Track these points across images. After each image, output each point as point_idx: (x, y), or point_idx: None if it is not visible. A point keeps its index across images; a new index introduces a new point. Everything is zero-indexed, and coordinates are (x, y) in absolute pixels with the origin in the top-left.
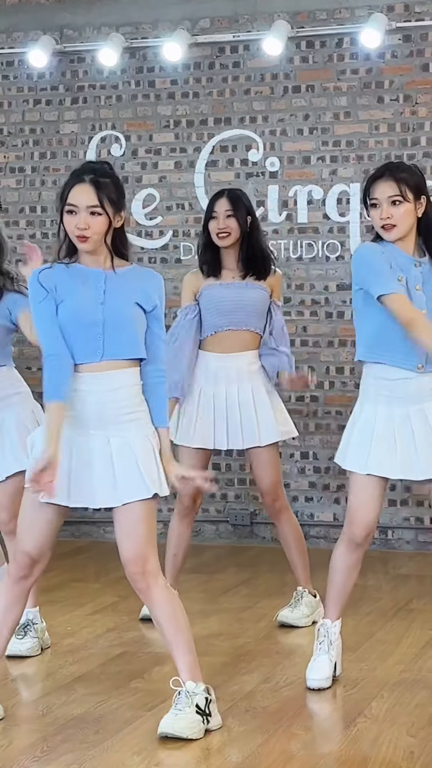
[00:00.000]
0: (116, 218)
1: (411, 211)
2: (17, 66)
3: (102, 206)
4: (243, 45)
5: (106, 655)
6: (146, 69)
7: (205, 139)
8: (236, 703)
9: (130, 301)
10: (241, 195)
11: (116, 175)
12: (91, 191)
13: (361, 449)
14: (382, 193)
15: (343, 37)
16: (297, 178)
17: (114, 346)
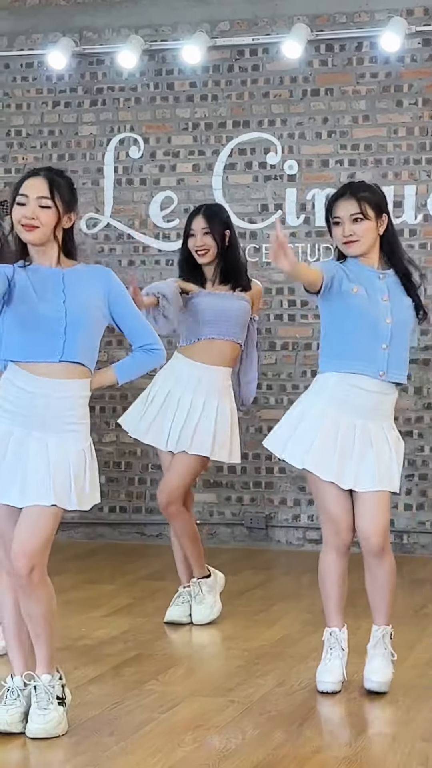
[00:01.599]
0: (66, 218)
1: (372, 228)
2: (36, 68)
3: (53, 199)
4: (262, 48)
5: (121, 656)
6: (165, 71)
7: (224, 142)
8: (251, 707)
9: (90, 303)
10: (218, 211)
11: (71, 180)
12: (44, 184)
13: (303, 444)
14: (345, 211)
15: (363, 40)
16: (315, 182)
17: (73, 348)
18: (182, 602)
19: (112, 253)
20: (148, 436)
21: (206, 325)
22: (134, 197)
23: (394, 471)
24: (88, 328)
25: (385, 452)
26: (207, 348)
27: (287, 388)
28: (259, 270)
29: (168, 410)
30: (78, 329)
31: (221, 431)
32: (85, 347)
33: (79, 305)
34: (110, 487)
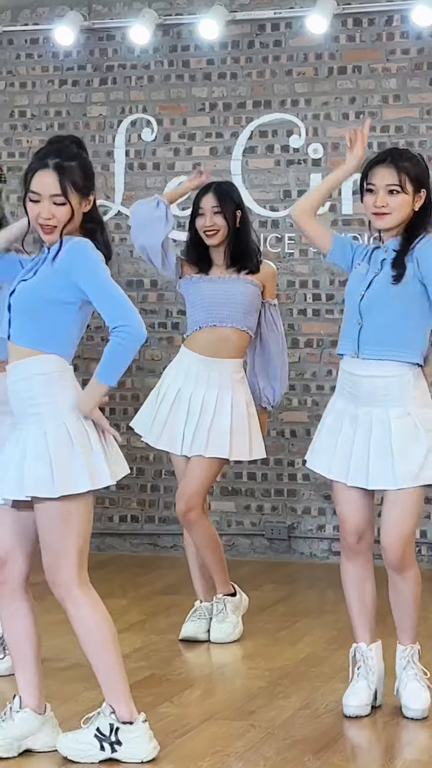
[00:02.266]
0: (83, 204)
1: (408, 203)
2: (42, 44)
3: (65, 195)
4: (285, 22)
5: (134, 676)
6: (180, 48)
7: (243, 124)
8: (273, 731)
9: (48, 283)
10: (229, 189)
11: (83, 155)
12: (55, 180)
13: (315, 442)
14: (381, 180)
15: (393, 14)
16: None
17: (19, 328)
18: (199, 618)
19: (123, 243)
20: (161, 441)
21: (206, 311)
22: (147, 183)
23: (418, 464)
24: (37, 308)
25: (398, 443)
26: (209, 337)
27: (311, 389)
28: (282, 261)
29: (180, 410)
30: (21, 309)
31: (238, 428)
32: (38, 329)
33: (31, 285)
34: (121, 495)
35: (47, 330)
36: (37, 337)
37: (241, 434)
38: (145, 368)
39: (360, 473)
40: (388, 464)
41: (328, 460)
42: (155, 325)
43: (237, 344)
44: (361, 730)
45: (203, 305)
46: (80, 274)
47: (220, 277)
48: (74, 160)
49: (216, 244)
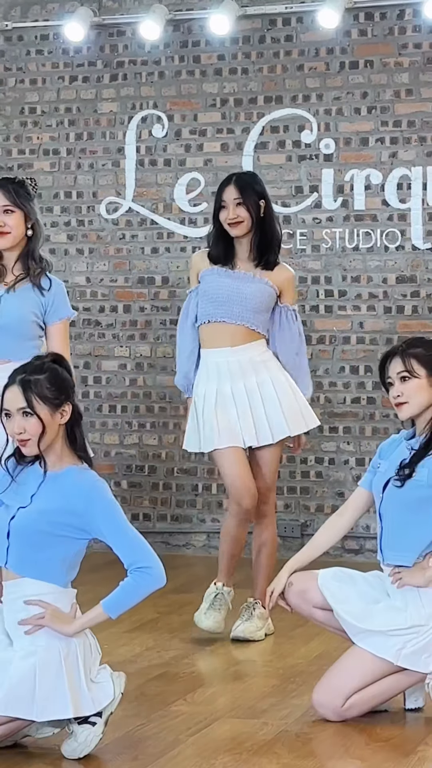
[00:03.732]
0: (56, 416)
1: (423, 386)
2: (52, 40)
3: (32, 408)
4: (296, 17)
5: (146, 675)
6: (191, 43)
7: (255, 119)
8: (287, 728)
9: (49, 514)
10: (251, 179)
11: (56, 369)
12: (19, 394)
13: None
14: (393, 371)
15: (405, 8)
16: (354, 162)
17: (17, 558)
18: (219, 607)
19: (134, 240)
20: (222, 440)
21: (217, 306)
22: (158, 179)
23: None
24: (39, 541)
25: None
26: (219, 332)
27: (324, 386)
28: (294, 258)
29: (227, 407)
30: (22, 540)
31: (288, 405)
32: (38, 560)
33: (32, 515)
34: (132, 493)
35: (48, 563)
36: (37, 570)
37: (292, 410)
38: (157, 365)
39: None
40: None
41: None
42: (167, 321)
43: (248, 337)
44: (376, 727)
45: (214, 299)
46: (99, 517)
47: (235, 272)
48: (42, 373)
49: (240, 234)
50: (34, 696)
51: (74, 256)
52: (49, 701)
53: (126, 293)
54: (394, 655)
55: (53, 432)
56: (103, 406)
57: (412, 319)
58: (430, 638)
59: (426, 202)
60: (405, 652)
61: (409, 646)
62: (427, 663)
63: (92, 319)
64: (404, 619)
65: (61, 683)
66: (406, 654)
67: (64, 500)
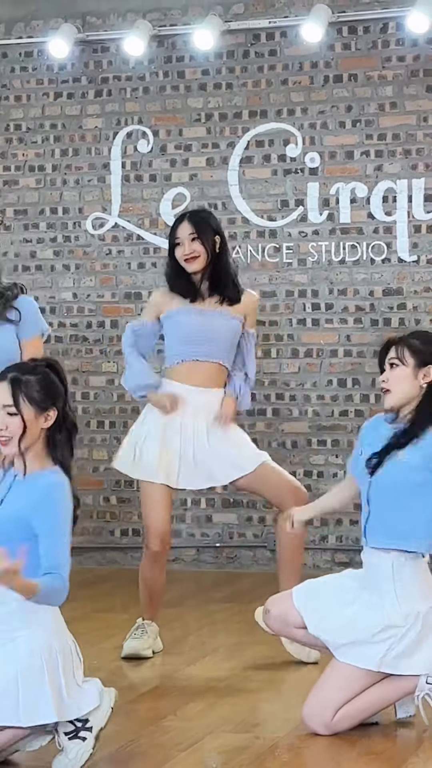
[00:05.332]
0: (40, 418)
1: (408, 376)
2: (36, 57)
3: (17, 405)
4: (280, 31)
5: (136, 690)
6: (175, 58)
7: (240, 134)
8: (278, 742)
9: (17, 518)
10: (206, 215)
11: (49, 374)
12: (7, 389)
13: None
14: (387, 356)
15: (389, 21)
16: (339, 175)
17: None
18: (139, 636)
19: (120, 255)
20: (158, 474)
21: (190, 345)
22: (144, 194)
23: None
24: (8, 545)
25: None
26: (192, 370)
27: (312, 399)
28: (280, 271)
29: (185, 443)
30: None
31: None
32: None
33: (2, 519)
34: (122, 509)
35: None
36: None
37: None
38: None
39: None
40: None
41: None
42: None
43: (219, 378)
44: (367, 740)
45: (187, 340)
46: (43, 512)
47: (204, 311)
48: (34, 375)
49: (197, 270)
50: (18, 702)
51: (61, 272)
52: (33, 706)
53: (113, 308)
54: (377, 664)
55: (34, 434)
56: (91, 422)
57: (399, 331)
58: (408, 641)
59: (411, 214)
60: (386, 659)
61: (390, 654)
62: (408, 665)
63: (79, 335)
64: (381, 617)
65: (43, 688)
66: (388, 661)
67: (27, 500)
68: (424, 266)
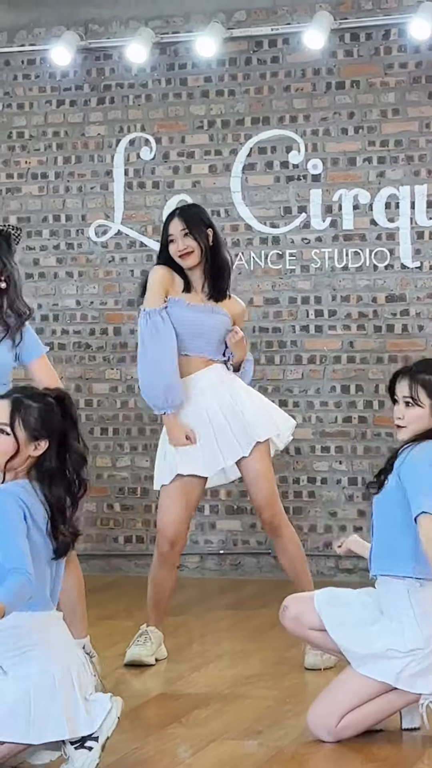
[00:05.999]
0: (31, 446)
1: (425, 416)
2: (39, 64)
3: (12, 426)
4: (282, 38)
5: (141, 697)
6: (178, 66)
7: (242, 141)
8: (283, 749)
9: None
10: (196, 210)
11: (51, 405)
12: (6, 407)
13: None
14: (400, 392)
15: (391, 28)
16: (342, 181)
17: None
18: (143, 642)
19: (123, 262)
20: (198, 467)
21: (180, 341)
22: (146, 202)
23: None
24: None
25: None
26: (183, 365)
27: (315, 405)
28: (283, 278)
29: (202, 428)
30: None
31: (265, 409)
32: None
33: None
34: (126, 516)
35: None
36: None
37: (270, 413)
38: None
39: None
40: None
41: None
42: None
43: (202, 365)
44: (370, 748)
45: (183, 333)
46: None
47: (197, 305)
48: (37, 402)
49: (193, 265)
50: (29, 719)
51: (64, 279)
52: (45, 724)
53: (116, 316)
54: (394, 679)
55: (22, 458)
56: (94, 429)
57: (402, 338)
58: (428, 662)
59: (414, 221)
60: (402, 676)
61: (408, 670)
62: (424, 685)
63: (82, 342)
64: (403, 643)
65: (56, 706)
66: (404, 678)
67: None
68: (427, 272)
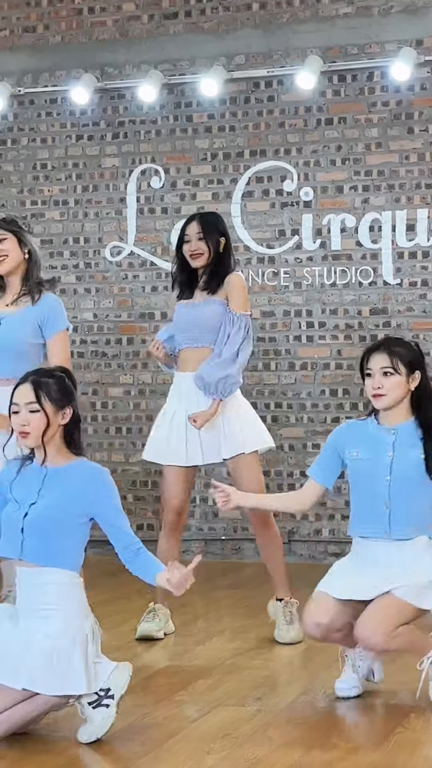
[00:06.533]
0: (59, 415)
1: (401, 383)
2: (60, 103)
3: (39, 402)
4: (277, 80)
5: (151, 668)
6: (184, 104)
7: (242, 171)
8: (277, 715)
9: (65, 505)
10: (213, 218)
11: (64, 379)
12: (30, 389)
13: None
14: (376, 364)
15: (374, 70)
16: (330, 207)
17: (33, 549)
18: (150, 619)
19: (135, 279)
20: (166, 456)
21: (181, 335)
22: (156, 225)
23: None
24: (55, 531)
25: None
26: (187, 358)
27: (307, 407)
28: (278, 293)
29: (179, 427)
30: (39, 533)
31: (249, 424)
32: (55, 549)
33: (46, 508)
34: (137, 506)
35: (63, 550)
36: (54, 558)
37: (256, 427)
38: (158, 391)
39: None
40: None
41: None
42: None
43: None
44: (357, 712)
45: (178, 330)
46: (105, 500)
47: (194, 302)
48: (51, 378)
49: (200, 266)
50: (53, 673)
51: (82, 295)
52: (65, 678)
53: (129, 327)
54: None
55: (54, 428)
56: (110, 429)
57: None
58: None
59: (395, 242)
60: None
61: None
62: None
63: (99, 351)
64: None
65: (74, 662)
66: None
67: (74, 488)
68: (407, 288)
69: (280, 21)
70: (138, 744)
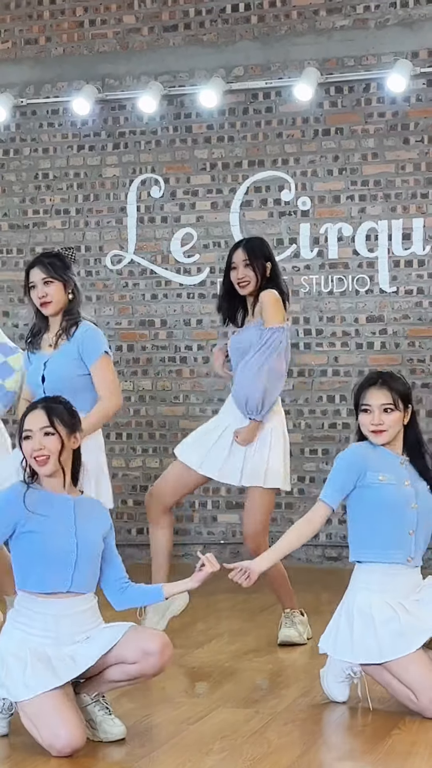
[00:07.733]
0: (71, 439)
1: (399, 418)
2: (62, 114)
3: (53, 425)
4: (275, 91)
5: None
6: (183, 115)
7: (240, 181)
8: (275, 717)
9: (97, 536)
10: (259, 243)
11: (69, 404)
12: (43, 414)
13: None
14: (376, 400)
15: (370, 82)
16: (327, 217)
17: (82, 578)
18: (154, 611)
19: (135, 288)
20: (202, 466)
21: (232, 362)
22: (156, 234)
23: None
24: (96, 562)
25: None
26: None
27: (304, 413)
28: None
29: (226, 442)
30: (88, 564)
31: (275, 459)
32: (93, 575)
33: (92, 541)
34: (137, 510)
35: (95, 578)
36: (90, 586)
37: (277, 464)
38: (157, 398)
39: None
40: None
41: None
42: (165, 359)
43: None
44: (355, 715)
45: (234, 360)
46: (111, 537)
47: (239, 330)
48: (59, 404)
49: (248, 293)
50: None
51: (83, 302)
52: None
53: (129, 334)
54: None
55: (68, 452)
56: (110, 434)
57: (381, 353)
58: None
59: (391, 251)
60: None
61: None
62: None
63: None
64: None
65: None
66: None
67: (97, 520)
68: (403, 296)
69: (278, 33)
70: (138, 745)
